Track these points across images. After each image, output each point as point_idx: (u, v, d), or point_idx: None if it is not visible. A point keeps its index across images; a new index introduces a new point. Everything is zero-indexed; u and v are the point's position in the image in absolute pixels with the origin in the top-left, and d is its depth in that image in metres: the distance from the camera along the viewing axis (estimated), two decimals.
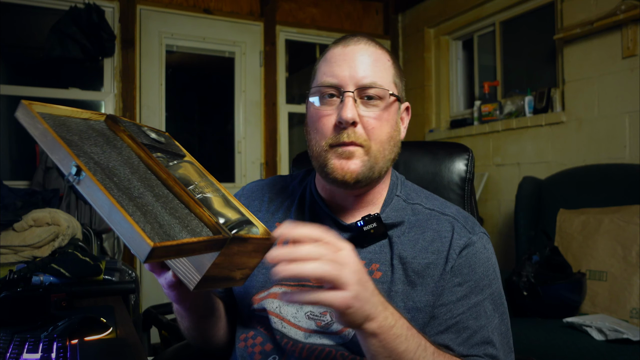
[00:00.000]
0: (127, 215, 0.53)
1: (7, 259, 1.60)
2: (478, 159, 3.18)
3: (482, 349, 0.78)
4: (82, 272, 1.42)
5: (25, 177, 2.83)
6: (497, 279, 0.84)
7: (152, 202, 0.62)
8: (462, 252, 0.81)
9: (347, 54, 0.81)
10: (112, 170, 0.62)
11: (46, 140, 0.61)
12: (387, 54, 0.85)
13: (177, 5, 3.25)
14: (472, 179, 1.10)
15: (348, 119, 0.76)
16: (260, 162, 3.48)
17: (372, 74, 0.80)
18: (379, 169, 0.81)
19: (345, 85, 0.79)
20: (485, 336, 0.79)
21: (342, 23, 3.79)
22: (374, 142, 0.79)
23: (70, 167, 0.57)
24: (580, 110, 2.62)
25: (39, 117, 0.62)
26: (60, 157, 0.59)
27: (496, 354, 0.78)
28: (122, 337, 0.97)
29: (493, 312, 0.81)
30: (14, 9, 2.88)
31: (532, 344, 1.76)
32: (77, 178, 0.56)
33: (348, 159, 0.79)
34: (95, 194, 0.56)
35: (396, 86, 0.84)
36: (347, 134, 0.78)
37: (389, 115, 0.82)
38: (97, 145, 0.66)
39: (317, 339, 0.81)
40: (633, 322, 1.83)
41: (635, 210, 2.01)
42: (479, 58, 3.50)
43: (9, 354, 0.81)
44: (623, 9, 2.31)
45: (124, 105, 3.07)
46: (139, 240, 0.52)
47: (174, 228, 0.59)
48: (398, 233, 0.83)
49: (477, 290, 0.80)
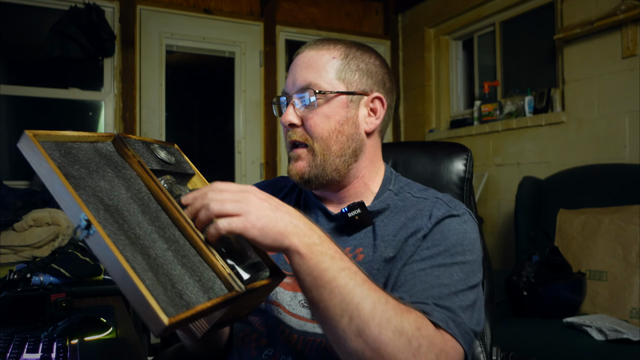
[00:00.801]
0: (140, 284, 0.51)
1: (7, 259, 1.60)
2: (478, 159, 3.18)
3: (436, 301, 0.69)
4: (82, 272, 1.42)
5: (25, 177, 2.84)
6: (474, 255, 0.78)
7: (164, 250, 0.61)
8: (439, 223, 0.80)
9: (293, 63, 0.89)
10: (121, 213, 0.60)
11: (52, 182, 0.57)
12: (336, 51, 0.86)
13: (177, 5, 3.25)
14: (470, 178, 1.10)
15: (284, 122, 0.86)
16: (260, 162, 3.48)
17: (306, 76, 0.85)
18: (331, 166, 0.85)
19: (289, 91, 0.87)
20: (445, 293, 0.70)
21: (342, 23, 3.79)
22: (315, 139, 0.85)
23: (80, 219, 0.54)
24: (580, 110, 2.62)
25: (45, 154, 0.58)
26: (69, 204, 0.56)
27: (455, 316, 0.68)
28: (122, 337, 0.97)
29: (462, 280, 0.73)
30: (14, 9, 2.88)
31: (532, 344, 1.76)
32: (87, 232, 0.54)
33: (296, 161, 0.87)
34: (107, 253, 0.53)
35: (344, 81, 0.85)
36: (288, 134, 0.87)
37: (331, 112, 0.84)
38: (105, 179, 0.63)
39: (311, 328, 0.82)
40: (633, 322, 1.83)
41: (635, 210, 2.01)
42: (479, 58, 3.50)
43: (9, 354, 0.81)
44: (623, 9, 2.31)
45: (124, 105, 3.07)
46: (153, 314, 0.50)
47: (187, 287, 0.58)
48: (382, 218, 0.86)
49: (447, 255, 0.75)
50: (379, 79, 0.89)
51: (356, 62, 0.87)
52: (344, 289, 0.61)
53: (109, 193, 0.61)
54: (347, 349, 0.61)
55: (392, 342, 0.59)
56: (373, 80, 0.88)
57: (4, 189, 2.37)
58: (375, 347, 0.59)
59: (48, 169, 0.58)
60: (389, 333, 0.59)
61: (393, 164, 1.15)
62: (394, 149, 1.19)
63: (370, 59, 0.89)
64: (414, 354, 0.60)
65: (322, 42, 0.88)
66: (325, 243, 0.63)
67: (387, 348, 0.59)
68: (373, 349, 0.59)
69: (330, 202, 0.92)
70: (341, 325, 0.60)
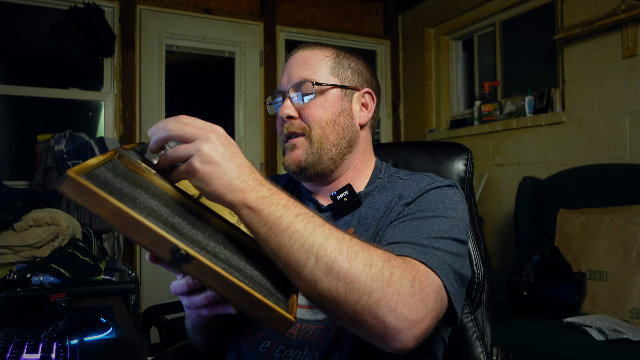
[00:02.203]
0: (257, 294, 0.54)
1: (7, 259, 1.60)
2: (478, 159, 3.18)
3: (410, 239, 0.70)
4: (82, 272, 1.42)
5: (25, 177, 2.83)
6: (458, 214, 0.78)
7: (229, 253, 0.62)
8: (423, 193, 0.82)
9: (287, 63, 0.94)
10: (177, 229, 0.58)
11: (122, 221, 0.51)
12: (328, 51, 0.93)
13: (177, 5, 3.25)
14: (471, 179, 1.10)
15: (282, 114, 0.89)
16: (260, 162, 3.48)
17: (302, 72, 0.90)
18: (327, 154, 0.89)
19: (284, 88, 0.91)
20: (422, 237, 0.71)
21: (342, 23, 3.79)
22: (313, 128, 0.88)
23: (171, 251, 0.52)
24: (580, 110, 2.62)
25: (104, 194, 0.50)
26: (153, 241, 0.52)
27: (427, 250, 0.68)
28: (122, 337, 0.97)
29: (444, 232, 0.73)
30: (14, 9, 2.88)
31: (532, 344, 1.76)
32: (183, 262, 0.53)
33: (292, 150, 0.90)
34: (212, 276, 0.54)
35: (337, 76, 0.91)
36: (286, 127, 0.90)
37: (327, 103, 0.89)
38: (142, 197, 0.59)
39: (311, 315, 0.83)
40: (633, 322, 1.83)
41: (635, 210, 2.01)
42: (479, 58, 3.50)
43: (8, 354, 0.81)
44: (623, 9, 2.31)
45: (123, 105, 3.07)
46: (280, 317, 0.55)
47: (263, 281, 0.62)
48: (370, 199, 0.89)
49: (427, 211, 0.77)
50: (368, 78, 0.96)
51: (347, 61, 0.94)
52: (304, 232, 0.58)
53: (157, 211, 0.58)
54: (320, 290, 0.59)
55: (364, 272, 0.58)
56: (362, 78, 0.95)
57: (4, 189, 2.37)
58: (348, 281, 0.58)
59: (113, 209, 0.51)
60: (359, 265, 0.58)
61: (393, 164, 1.15)
62: (394, 149, 1.19)
63: (359, 61, 0.96)
64: (388, 282, 0.59)
65: (313, 44, 0.95)
66: (276, 194, 0.60)
67: (360, 280, 0.58)
68: (346, 283, 0.58)
69: (323, 196, 0.95)
70: (308, 267, 0.58)
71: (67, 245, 1.67)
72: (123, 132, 3.07)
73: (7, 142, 2.94)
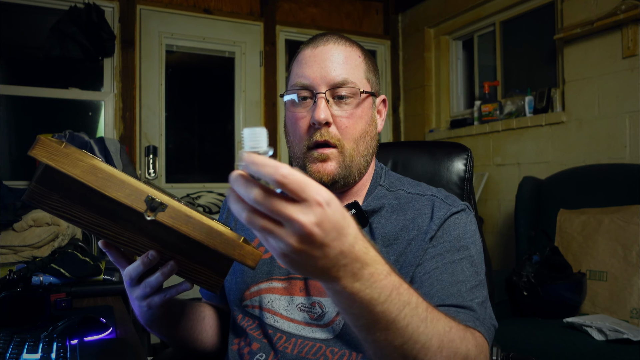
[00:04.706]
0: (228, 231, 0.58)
1: (7, 259, 1.60)
2: (478, 159, 3.18)
3: (458, 301, 0.71)
4: (82, 272, 1.42)
5: (25, 177, 2.83)
6: (477, 246, 0.80)
7: None
8: (443, 224, 0.81)
9: (317, 54, 0.82)
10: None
11: (97, 178, 0.54)
12: (358, 50, 0.86)
13: (177, 5, 3.25)
14: (471, 178, 1.10)
15: (321, 119, 0.78)
16: None
17: (342, 72, 0.81)
18: (356, 166, 0.83)
19: (317, 86, 0.80)
20: (462, 291, 0.72)
21: (342, 23, 3.79)
22: (347, 141, 0.81)
23: (146, 201, 0.55)
24: (580, 110, 2.62)
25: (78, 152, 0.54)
26: (128, 193, 0.55)
27: (475, 315, 0.70)
28: (122, 337, 0.97)
29: (473, 275, 0.76)
30: (14, 9, 2.88)
31: (532, 344, 1.76)
32: (159, 210, 0.55)
33: (324, 162, 0.81)
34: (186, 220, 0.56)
35: (369, 81, 0.85)
36: (321, 133, 0.80)
37: (363, 112, 0.83)
38: None
39: (310, 333, 0.81)
40: (633, 322, 1.83)
41: (635, 210, 2.01)
42: (479, 58, 3.50)
43: (8, 354, 0.81)
44: (623, 9, 2.31)
45: (123, 105, 3.07)
46: (249, 251, 0.58)
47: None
48: (378, 218, 0.84)
49: (453, 250, 0.77)
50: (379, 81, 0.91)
51: (372, 63, 0.88)
52: (407, 330, 0.53)
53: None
54: None
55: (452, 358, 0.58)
56: (379, 82, 0.89)
57: (4, 189, 2.37)
58: None
59: (87, 167, 0.54)
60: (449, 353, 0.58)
61: (393, 164, 1.15)
62: (394, 149, 1.19)
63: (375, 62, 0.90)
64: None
65: (344, 38, 0.85)
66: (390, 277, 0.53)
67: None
68: None
69: None
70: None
71: (67, 245, 1.67)
72: (123, 132, 3.07)
73: (7, 142, 2.94)
